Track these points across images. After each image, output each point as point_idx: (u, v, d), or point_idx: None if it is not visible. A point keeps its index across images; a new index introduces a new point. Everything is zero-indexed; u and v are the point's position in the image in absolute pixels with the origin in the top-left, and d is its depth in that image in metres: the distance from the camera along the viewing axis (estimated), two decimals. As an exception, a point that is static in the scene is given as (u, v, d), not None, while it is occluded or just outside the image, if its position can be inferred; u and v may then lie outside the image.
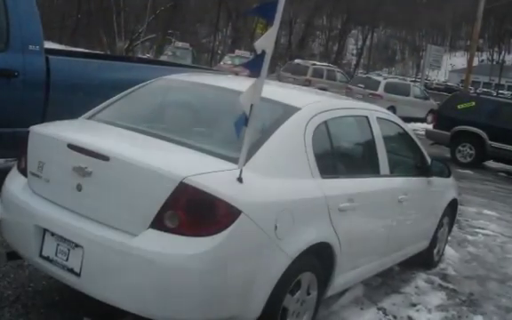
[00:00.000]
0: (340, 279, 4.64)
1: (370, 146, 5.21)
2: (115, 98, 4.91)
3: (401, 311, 5.48)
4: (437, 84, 74.61)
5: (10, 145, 5.65)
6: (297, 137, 4.18)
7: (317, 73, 32.91)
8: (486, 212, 10.72)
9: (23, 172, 4.20)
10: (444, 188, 6.72)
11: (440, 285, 6.37)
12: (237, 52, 42.11)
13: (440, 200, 6.65)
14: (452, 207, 7.07)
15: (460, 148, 17.07)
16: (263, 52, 3.62)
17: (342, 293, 5.28)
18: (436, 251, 6.84)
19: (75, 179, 3.76)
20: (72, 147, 3.84)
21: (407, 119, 19.18)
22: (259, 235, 3.60)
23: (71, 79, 6.61)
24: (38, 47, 6.34)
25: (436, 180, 6.24)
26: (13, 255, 4.30)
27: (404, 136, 6.04)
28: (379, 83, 27.92)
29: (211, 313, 3.55)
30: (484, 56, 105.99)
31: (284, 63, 45.63)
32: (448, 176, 6.69)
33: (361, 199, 4.69)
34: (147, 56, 38.67)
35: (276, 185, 3.83)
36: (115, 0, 45.51)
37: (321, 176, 4.23)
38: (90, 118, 4.63)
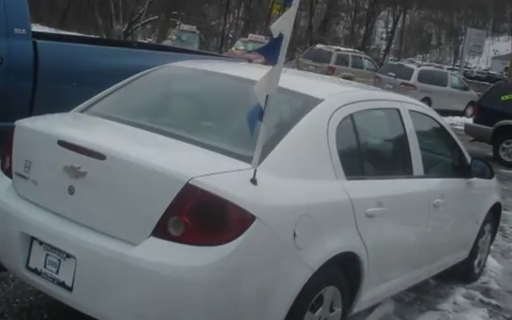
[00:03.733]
0: (368, 294, 4.62)
1: (401, 142, 5.19)
2: (112, 88, 4.91)
3: (437, 331, 5.48)
4: (478, 72, 74.18)
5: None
6: (319, 132, 4.17)
7: (342, 60, 32.81)
8: (534, 218, 10.63)
9: (8, 172, 4.21)
10: (486, 190, 6.69)
11: (481, 301, 6.34)
12: (251, 36, 42.12)
13: (481, 204, 6.61)
14: (495, 212, 7.03)
15: (504, 145, 16.95)
16: (280, 36, 3.59)
17: (370, 310, 5.27)
18: (476, 262, 6.81)
19: (66, 180, 3.76)
20: (63, 144, 3.84)
21: (444, 112, 19.12)
22: (275, 243, 3.59)
23: (62, 67, 6.62)
24: (25, 30, 6.35)
25: (476, 181, 6.21)
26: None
27: (441, 131, 6.02)
28: (412, 71, 27.77)
29: (220, 332, 3.55)
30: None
31: (304, 49, 45.61)
32: (490, 177, 6.65)
33: (391, 203, 4.67)
34: (148, 41, 38.81)
35: (294, 187, 3.82)
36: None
37: (346, 177, 4.21)
38: (83, 111, 4.63)
